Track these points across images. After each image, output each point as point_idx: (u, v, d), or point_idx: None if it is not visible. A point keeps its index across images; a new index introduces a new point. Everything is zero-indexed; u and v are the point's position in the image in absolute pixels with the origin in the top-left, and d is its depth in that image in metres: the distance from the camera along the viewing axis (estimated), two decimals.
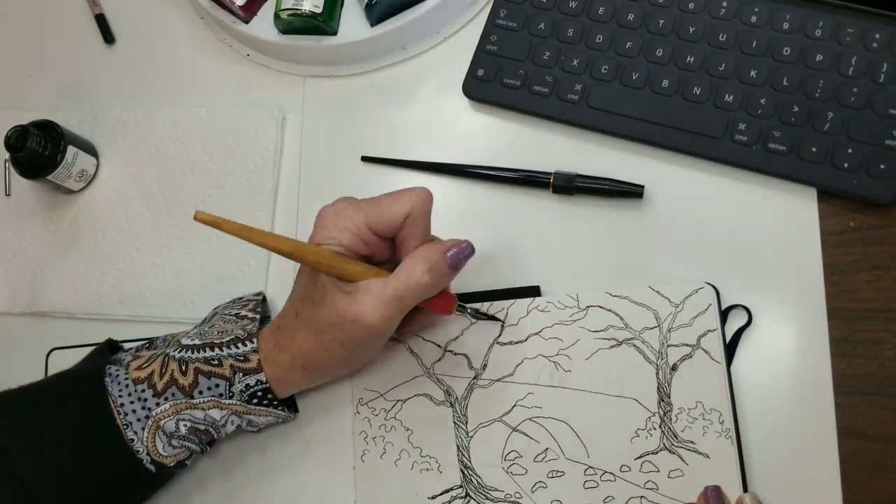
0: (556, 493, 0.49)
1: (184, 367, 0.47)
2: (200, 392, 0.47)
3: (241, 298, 0.55)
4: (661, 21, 0.56)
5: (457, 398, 0.52)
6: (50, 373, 0.59)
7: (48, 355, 0.60)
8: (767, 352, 0.50)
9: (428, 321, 0.52)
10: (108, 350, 0.54)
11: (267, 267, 0.59)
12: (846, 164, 0.51)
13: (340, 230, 0.45)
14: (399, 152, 0.60)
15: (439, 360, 0.53)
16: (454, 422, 0.51)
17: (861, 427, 0.48)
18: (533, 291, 0.53)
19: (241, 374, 0.47)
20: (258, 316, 0.51)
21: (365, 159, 0.60)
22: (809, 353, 0.50)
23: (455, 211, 0.58)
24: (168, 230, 0.61)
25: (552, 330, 0.51)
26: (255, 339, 0.48)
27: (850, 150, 0.52)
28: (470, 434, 0.51)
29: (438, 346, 0.53)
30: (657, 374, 0.49)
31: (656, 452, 0.48)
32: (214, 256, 0.60)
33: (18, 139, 0.58)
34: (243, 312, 0.52)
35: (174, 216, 0.62)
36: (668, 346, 0.50)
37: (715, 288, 0.50)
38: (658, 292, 0.51)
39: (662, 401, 0.49)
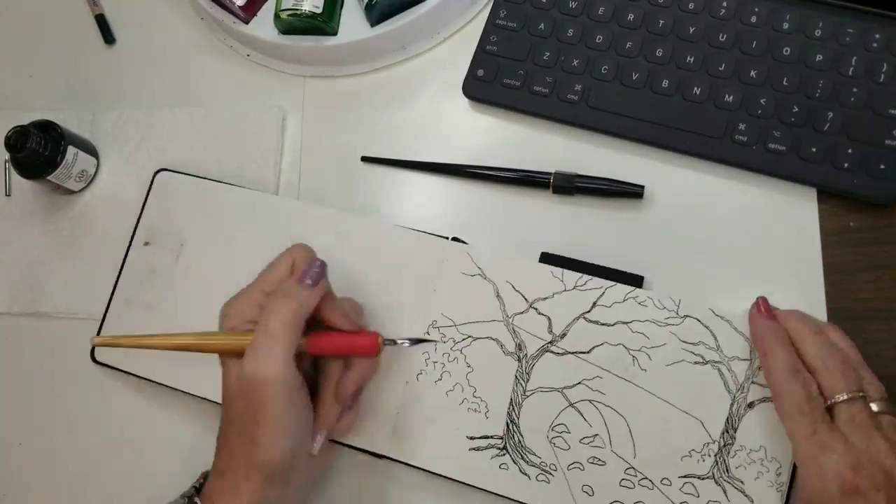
0: (590, 479, 0.48)
1: None
2: None
3: None
4: (661, 21, 0.56)
5: (526, 355, 0.51)
6: (152, 193, 0.61)
7: (155, 174, 0.61)
8: None
9: (362, 374, 0.49)
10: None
11: None
12: (846, 164, 0.51)
13: (241, 309, 0.45)
14: (399, 152, 0.60)
15: (522, 312, 0.52)
16: (516, 376, 0.51)
17: None
18: (636, 281, 0.52)
19: None
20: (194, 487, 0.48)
21: (365, 159, 0.60)
22: None
23: (455, 211, 0.58)
24: None
25: (643, 325, 0.50)
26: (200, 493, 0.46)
27: (850, 150, 0.52)
28: (527, 393, 0.51)
29: (526, 299, 0.52)
30: (732, 405, 0.48)
31: (702, 478, 0.47)
32: None
33: (18, 139, 0.58)
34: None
35: None
36: (752, 382, 0.48)
37: None
38: None
39: (727, 432, 0.48)
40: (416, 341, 0.52)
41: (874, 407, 0.43)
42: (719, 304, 0.50)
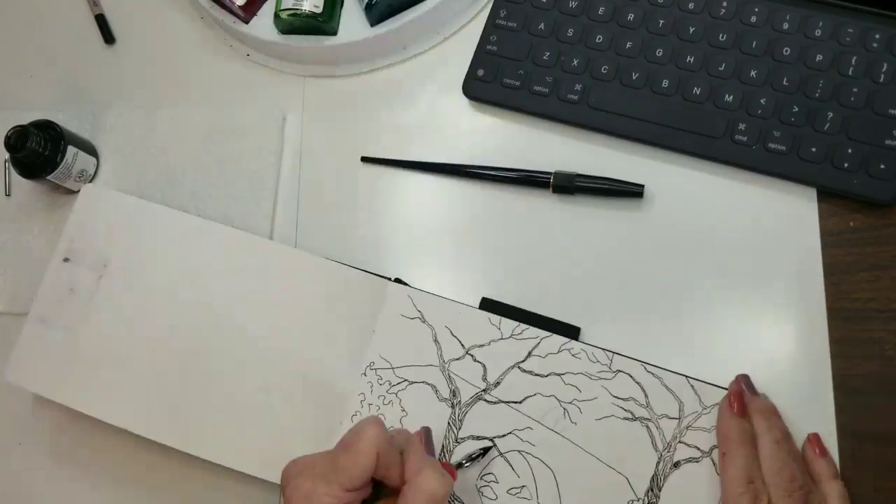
0: None
1: None
2: None
3: None
4: (661, 21, 0.56)
5: (459, 401, 0.52)
6: (77, 208, 0.58)
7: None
8: (767, 352, 0.50)
9: None
10: None
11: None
12: (846, 164, 0.51)
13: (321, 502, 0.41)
14: (399, 152, 0.60)
15: (459, 358, 0.52)
16: (449, 422, 0.51)
17: (861, 427, 0.48)
18: (572, 332, 0.52)
19: None
20: None
21: (365, 159, 0.60)
22: (809, 353, 0.50)
23: (455, 211, 0.58)
24: None
25: (575, 378, 0.50)
26: None
27: (850, 150, 0.52)
28: (459, 440, 0.51)
29: (463, 345, 0.52)
30: (658, 463, 0.48)
31: None
32: None
33: (18, 139, 0.58)
34: None
35: None
36: (679, 441, 0.48)
37: None
38: (692, 387, 0.49)
39: (652, 490, 0.48)
40: (475, 457, 0.50)
41: None
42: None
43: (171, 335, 0.55)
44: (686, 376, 0.49)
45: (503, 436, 0.50)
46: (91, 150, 0.63)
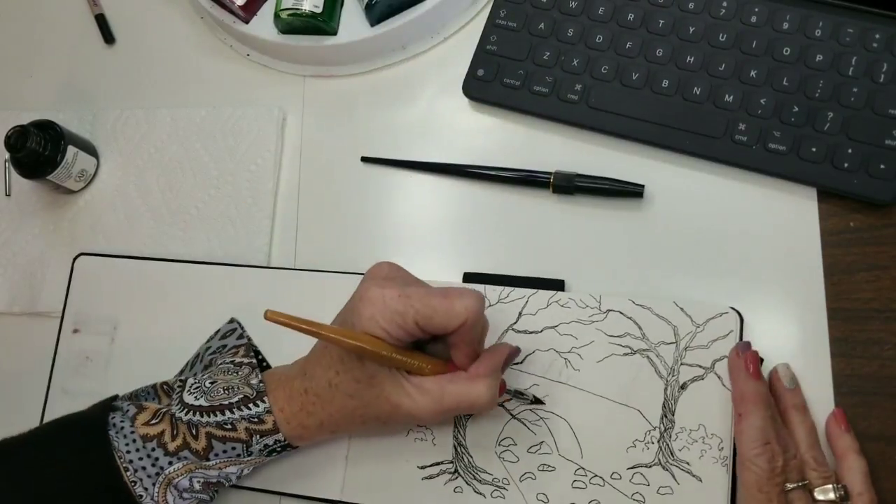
0: (543, 487, 0.49)
1: (195, 432, 0.46)
2: (216, 454, 0.46)
3: (223, 341, 0.53)
4: (661, 21, 0.56)
5: None
6: (74, 279, 0.60)
7: (75, 259, 0.61)
8: (767, 352, 0.50)
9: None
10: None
11: (268, 256, 0.59)
12: (846, 164, 0.51)
13: (389, 322, 0.43)
14: (399, 152, 0.60)
15: None
16: None
17: (861, 427, 0.48)
18: (557, 285, 0.53)
19: (258, 436, 0.46)
20: (255, 359, 0.50)
21: (365, 159, 0.60)
22: (809, 353, 0.50)
23: (455, 211, 0.58)
24: (168, 230, 0.61)
25: (569, 326, 0.51)
26: (265, 399, 0.46)
27: (850, 150, 0.52)
28: (468, 415, 0.51)
29: None
30: (665, 389, 0.49)
31: (650, 466, 0.48)
32: (214, 257, 0.60)
33: (18, 139, 0.58)
34: (238, 359, 0.50)
35: (174, 216, 0.62)
36: (681, 363, 0.49)
37: (740, 315, 0.50)
38: (682, 309, 0.50)
39: (665, 417, 0.49)
40: (530, 401, 0.51)
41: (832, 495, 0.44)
42: (719, 301, 0.50)
43: None
44: (673, 301, 0.50)
45: (511, 398, 0.51)
46: (91, 150, 0.63)
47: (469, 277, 0.55)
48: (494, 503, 0.49)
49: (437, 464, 0.51)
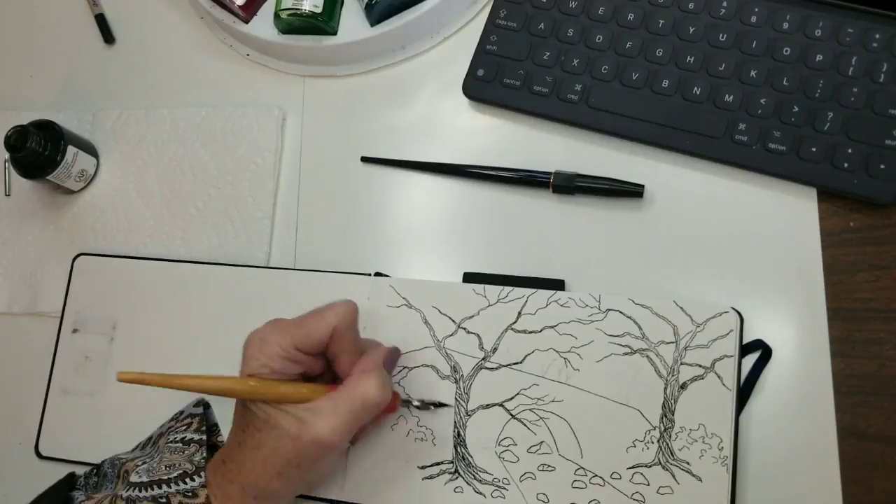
0: (543, 487, 0.49)
1: None
2: None
3: (181, 414, 0.53)
4: (661, 21, 0.56)
5: (462, 376, 0.52)
6: (74, 279, 0.61)
7: (75, 259, 0.61)
8: None
9: (375, 420, 0.50)
10: (67, 485, 0.51)
11: (268, 256, 0.59)
12: (846, 164, 0.51)
13: (269, 356, 0.44)
14: (399, 152, 0.60)
15: (452, 334, 0.52)
16: (456, 398, 0.51)
17: (861, 427, 0.48)
18: (556, 285, 0.53)
19: None
20: (204, 436, 0.50)
21: (365, 159, 0.60)
22: (809, 353, 0.50)
23: (455, 211, 0.58)
24: (168, 230, 0.61)
25: (568, 326, 0.51)
26: (202, 473, 0.46)
27: (850, 150, 0.52)
28: (469, 413, 0.51)
29: (453, 321, 0.53)
30: (665, 389, 0.49)
31: (650, 466, 0.48)
32: (214, 258, 0.60)
33: (18, 139, 0.58)
34: (189, 435, 0.50)
35: (174, 216, 0.62)
36: (681, 363, 0.49)
37: (740, 315, 0.50)
38: (681, 308, 0.50)
39: (665, 416, 0.49)
40: (433, 405, 0.51)
41: None
42: (719, 301, 0.50)
43: None
44: (672, 300, 0.50)
45: (511, 398, 0.51)
46: (91, 150, 0.63)
47: (469, 277, 0.55)
48: (494, 503, 0.49)
49: (438, 464, 0.51)
